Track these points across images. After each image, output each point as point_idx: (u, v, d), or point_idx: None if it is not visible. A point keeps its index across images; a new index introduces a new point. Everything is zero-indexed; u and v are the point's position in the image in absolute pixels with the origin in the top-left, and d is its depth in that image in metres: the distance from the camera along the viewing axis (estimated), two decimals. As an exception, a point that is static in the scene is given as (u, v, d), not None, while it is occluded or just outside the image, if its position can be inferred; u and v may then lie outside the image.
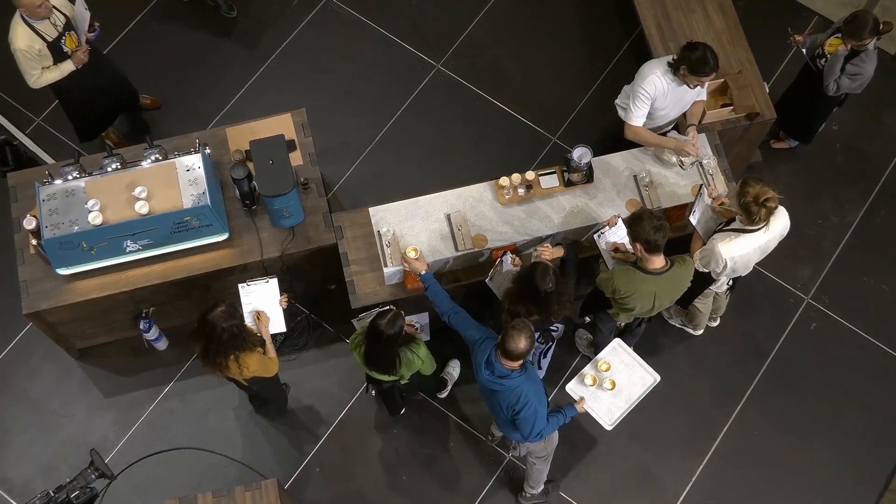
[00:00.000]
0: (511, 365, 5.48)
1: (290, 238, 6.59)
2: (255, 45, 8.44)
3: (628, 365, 6.08)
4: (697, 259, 6.11)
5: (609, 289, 5.98)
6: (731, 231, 5.98)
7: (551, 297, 5.65)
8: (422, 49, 8.49)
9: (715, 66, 6.13)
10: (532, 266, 5.72)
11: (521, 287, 5.76)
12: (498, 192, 6.53)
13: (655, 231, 5.67)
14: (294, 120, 6.95)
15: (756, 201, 5.74)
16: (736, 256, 5.99)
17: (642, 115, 6.47)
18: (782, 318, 7.48)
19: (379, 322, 5.68)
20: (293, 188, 6.22)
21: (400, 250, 6.30)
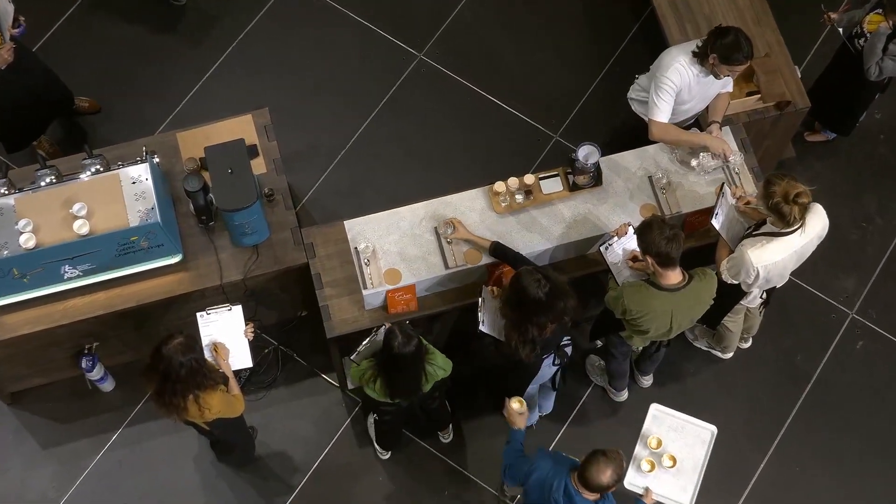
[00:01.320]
0: (593, 496, 5.56)
1: (254, 258, 6.59)
2: (208, 37, 8.46)
3: (678, 428, 6.06)
4: (724, 269, 6.14)
5: (619, 309, 6.01)
6: (762, 235, 6.01)
7: (553, 297, 5.65)
8: (401, 36, 8.52)
9: (749, 54, 6.16)
10: (514, 279, 5.72)
11: (518, 307, 5.77)
12: (493, 199, 6.56)
13: (668, 242, 5.70)
14: (255, 122, 6.96)
15: (786, 199, 5.78)
16: (769, 264, 6.01)
17: (668, 110, 6.47)
18: (824, 337, 7.51)
19: (393, 344, 5.69)
20: (256, 201, 6.23)
21: (380, 270, 6.31)
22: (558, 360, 6.24)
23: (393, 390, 5.92)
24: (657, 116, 6.45)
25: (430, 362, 5.92)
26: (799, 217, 5.84)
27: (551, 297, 5.62)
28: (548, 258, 6.59)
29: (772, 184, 5.82)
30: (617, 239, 6.24)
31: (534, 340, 5.75)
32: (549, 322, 5.75)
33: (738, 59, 6.16)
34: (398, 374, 5.83)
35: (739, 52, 6.13)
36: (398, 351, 5.67)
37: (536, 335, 5.74)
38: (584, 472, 5.50)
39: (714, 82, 6.47)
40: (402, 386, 5.92)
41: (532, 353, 5.82)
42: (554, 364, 6.24)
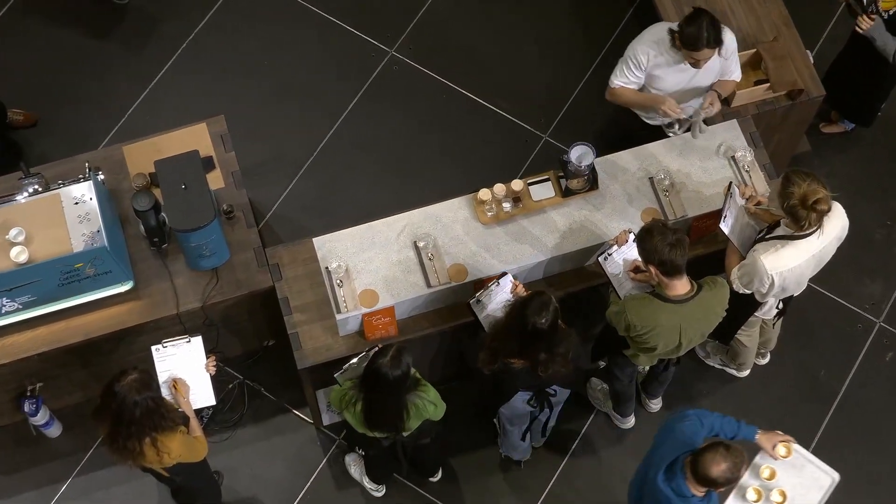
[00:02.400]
0: (696, 489, 5.56)
1: (214, 283, 6.59)
2: (154, 38, 8.45)
3: (797, 465, 6.05)
4: (736, 278, 6.17)
5: (622, 325, 6.03)
6: (775, 239, 6.04)
7: (540, 340, 5.68)
8: (370, 31, 8.54)
9: (712, 42, 6.31)
10: (531, 295, 5.76)
11: (509, 317, 5.80)
12: (477, 208, 6.57)
13: (671, 248, 5.72)
14: (210, 131, 6.96)
15: (803, 203, 5.81)
16: (785, 271, 6.03)
17: (626, 83, 6.65)
18: (849, 349, 7.54)
19: (380, 362, 5.66)
20: (214, 219, 6.23)
21: (355, 291, 6.32)
22: (535, 403, 6.26)
23: (370, 419, 5.89)
24: (611, 83, 6.69)
25: (419, 395, 5.90)
26: (815, 223, 5.88)
27: (537, 337, 5.67)
28: (541, 272, 6.60)
29: (791, 183, 5.84)
30: (617, 248, 6.26)
31: (496, 355, 5.80)
32: (519, 357, 5.79)
33: (696, 46, 6.33)
34: (377, 398, 5.80)
35: (699, 42, 6.31)
36: (383, 372, 5.65)
37: (503, 357, 5.82)
38: (697, 457, 5.45)
39: (694, 72, 6.54)
40: (378, 414, 5.88)
41: (489, 367, 5.90)
42: (529, 404, 6.26)
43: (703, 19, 6.30)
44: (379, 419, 5.90)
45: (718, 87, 6.77)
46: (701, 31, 6.28)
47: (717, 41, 6.34)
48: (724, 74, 6.74)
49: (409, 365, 5.68)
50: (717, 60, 6.57)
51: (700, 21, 6.30)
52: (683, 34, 6.35)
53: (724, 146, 6.78)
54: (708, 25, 6.29)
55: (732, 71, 6.77)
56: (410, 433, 6.06)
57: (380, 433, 6.01)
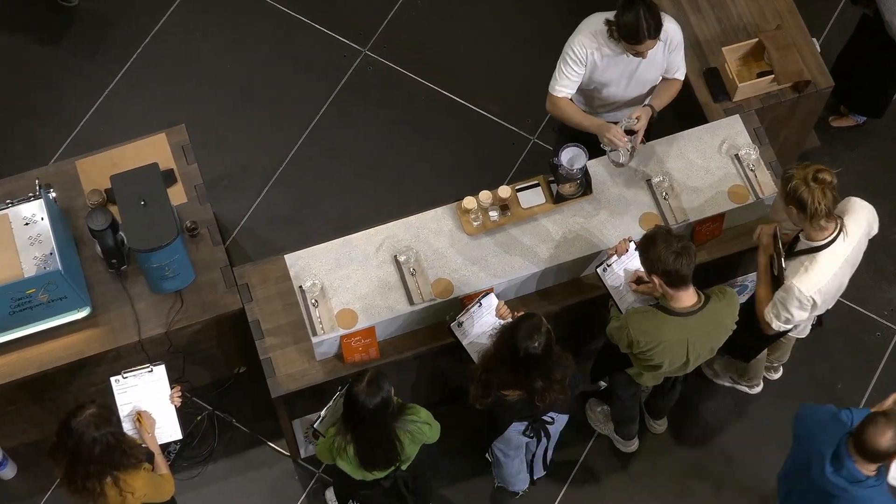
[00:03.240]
0: (868, 469, 5.54)
1: (178, 307, 6.57)
2: (107, 42, 8.44)
3: None
4: (772, 317, 6.12)
5: (624, 341, 6.02)
6: (800, 255, 6.02)
7: (535, 366, 5.67)
8: (341, 30, 8.53)
9: (650, 33, 6.21)
10: (520, 318, 5.75)
11: (499, 346, 5.78)
12: (462, 218, 6.57)
13: (676, 257, 5.72)
14: (171, 141, 6.95)
15: (805, 180, 5.75)
16: (823, 287, 6.01)
17: (568, 85, 6.59)
18: (868, 359, 7.55)
19: (356, 391, 5.61)
20: (176, 237, 6.21)
21: (332, 311, 6.30)
22: (531, 433, 6.24)
23: (365, 458, 5.86)
24: (552, 89, 6.63)
25: (410, 420, 5.87)
26: (824, 204, 5.83)
27: (531, 364, 5.65)
28: (534, 285, 6.60)
29: (790, 168, 5.86)
30: (616, 258, 6.26)
31: (489, 389, 5.80)
32: (514, 387, 5.78)
33: (635, 39, 6.24)
34: (367, 435, 5.77)
35: (638, 33, 6.21)
36: (361, 401, 5.61)
37: (496, 389, 5.80)
38: (860, 435, 5.41)
39: (643, 63, 6.52)
40: (371, 451, 5.85)
41: (482, 401, 5.88)
42: (525, 434, 6.24)
43: (638, 7, 6.19)
44: (374, 455, 5.86)
45: (659, 94, 6.71)
46: (639, 21, 6.17)
47: (657, 29, 6.23)
48: (669, 71, 6.69)
49: (389, 391, 5.65)
50: (662, 50, 6.51)
51: (636, 9, 6.18)
52: (620, 25, 6.25)
53: (727, 144, 6.79)
54: (645, 14, 6.17)
55: (677, 66, 6.69)
56: (410, 463, 6.03)
57: (379, 472, 5.96)
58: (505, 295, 6.54)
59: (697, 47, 7.35)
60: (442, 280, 6.42)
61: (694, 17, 7.42)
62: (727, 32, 7.41)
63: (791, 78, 7.21)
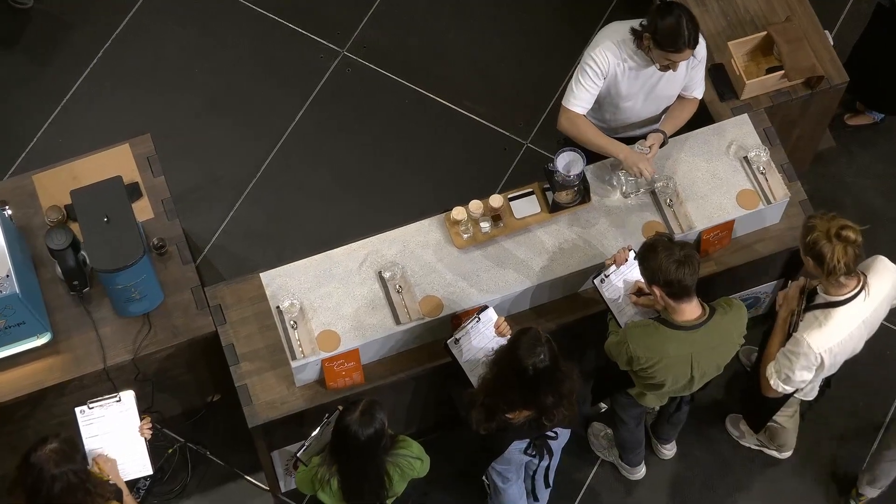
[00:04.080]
0: None
1: (146, 331, 6.56)
2: (65, 47, 8.44)
3: None
4: (773, 373, 6.10)
5: (623, 357, 6.02)
6: (816, 309, 5.99)
7: (545, 381, 5.66)
8: (317, 29, 8.54)
9: (690, 42, 6.21)
10: (518, 333, 5.74)
11: (501, 366, 5.77)
12: (451, 230, 6.57)
13: (679, 266, 5.72)
14: (135, 153, 6.94)
15: (828, 235, 5.72)
16: (834, 346, 5.99)
17: (585, 100, 6.55)
18: (889, 376, 7.56)
19: (348, 421, 5.59)
20: (143, 256, 6.20)
21: (312, 333, 6.29)
22: (533, 452, 6.23)
23: (350, 494, 5.85)
24: (569, 104, 6.58)
25: (401, 454, 5.86)
26: (843, 262, 5.78)
27: (541, 379, 5.64)
28: (528, 301, 6.61)
29: (812, 218, 5.83)
30: (615, 268, 6.26)
31: (493, 413, 5.78)
32: (523, 407, 5.77)
33: (676, 45, 6.21)
34: (354, 469, 5.76)
35: (679, 39, 6.18)
36: (353, 431, 5.60)
37: (502, 413, 5.78)
38: None
39: (664, 78, 6.52)
40: (358, 485, 5.84)
41: (485, 426, 5.86)
42: (527, 453, 6.23)
43: (681, 14, 6.18)
44: (361, 490, 5.85)
45: (673, 116, 6.72)
46: (681, 28, 6.15)
47: (696, 40, 6.24)
48: (688, 88, 6.70)
49: (383, 421, 5.64)
50: (684, 66, 6.50)
51: (676, 15, 6.17)
52: (659, 30, 6.21)
53: (735, 145, 6.81)
54: (688, 22, 6.18)
55: (696, 85, 6.71)
56: (396, 499, 6.02)
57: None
58: (498, 311, 6.53)
59: (701, 42, 7.36)
60: (430, 297, 6.42)
61: (697, 10, 7.42)
62: (733, 26, 7.42)
63: (802, 73, 7.22)
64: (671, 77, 6.52)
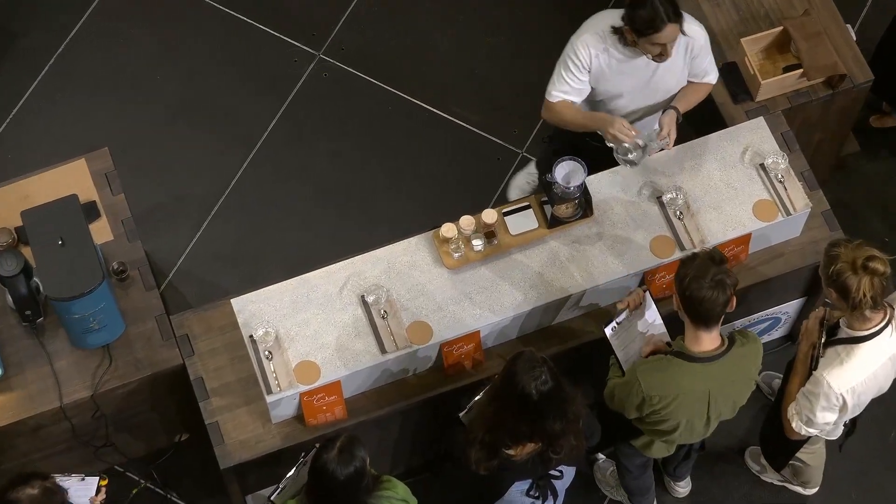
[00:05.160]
0: None
1: (107, 365, 6.54)
2: (13, 54, 8.45)
3: None
4: (793, 413, 6.09)
5: (633, 401, 5.96)
6: (839, 344, 5.97)
7: (551, 405, 5.64)
8: (291, 31, 8.55)
9: (668, 16, 6.24)
10: (512, 359, 5.73)
11: (500, 399, 5.75)
12: (441, 249, 6.56)
13: (710, 288, 5.67)
14: (91, 168, 6.94)
15: (853, 266, 5.69)
16: (857, 385, 5.96)
17: (567, 91, 6.63)
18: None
19: (325, 459, 5.55)
20: (102, 282, 6.19)
21: (289, 365, 6.28)
22: (535, 493, 6.21)
23: None
24: (549, 95, 6.69)
25: (384, 497, 5.84)
26: (870, 296, 5.73)
27: (546, 403, 5.62)
28: (526, 325, 6.63)
29: (835, 246, 5.80)
30: (628, 313, 6.23)
31: (496, 450, 5.76)
32: (529, 439, 5.75)
33: (654, 27, 6.27)
34: None
35: (656, 18, 6.24)
36: (330, 470, 5.59)
37: (505, 448, 5.76)
38: None
39: (661, 68, 6.55)
40: None
41: (486, 465, 5.83)
42: (529, 495, 6.21)
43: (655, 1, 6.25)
44: None
45: (686, 95, 6.76)
46: (655, 7, 6.22)
47: (676, 13, 6.28)
48: (696, 76, 6.75)
49: (364, 459, 5.62)
50: (683, 56, 6.57)
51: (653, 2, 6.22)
52: (636, 21, 6.28)
53: (751, 152, 6.81)
54: (663, 2, 6.23)
55: (707, 71, 6.76)
56: None
57: None
58: (490, 338, 6.54)
59: (713, 39, 7.33)
60: (419, 323, 6.42)
61: (707, 5, 7.45)
62: (746, 21, 7.44)
63: (823, 72, 7.23)
64: (669, 69, 6.57)
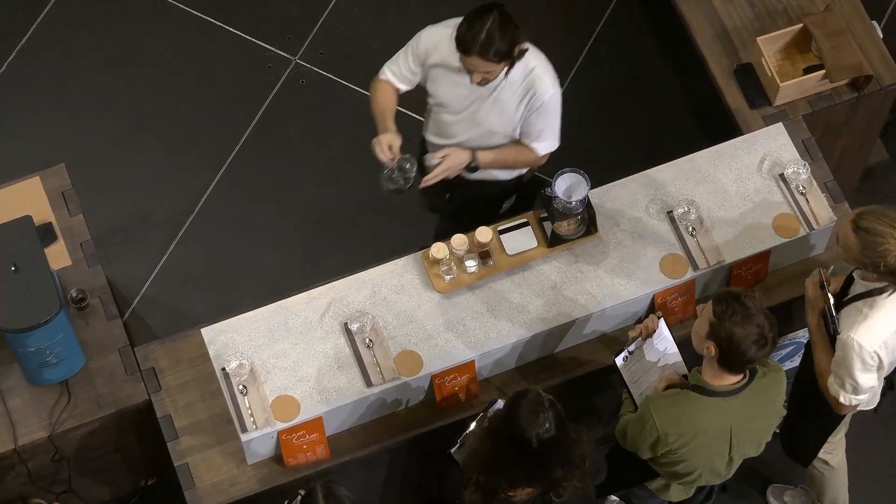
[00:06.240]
0: None
1: (65, 402, 6.53)
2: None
3: None
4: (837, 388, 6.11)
5: (647, 440, 5.95)
6: (857, 301, 6.03)
7: (551, 452, 5.64)
8: (265, 35, 8.58)
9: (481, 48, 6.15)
10: (515, 398, 5.72)
11: (497, 439, 5.75)
12: (431, 271, 6.56)
13: (755, 346, 5.64)
14: (47, 186, 6.94)
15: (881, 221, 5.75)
16: (889, 337, 6.01)
17: (395, 73, 6.70)
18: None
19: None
20: (59, 311, 6.18)
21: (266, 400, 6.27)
22: None
23: None
24: (382, 70, 6.80)
25: None
26: None
27: (547, 451, 5.61)
28: (525, 354, 6.63)
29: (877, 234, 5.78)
30: (640, 342, 6.22)
31: (493, 493, 5.75)
32: (527, 484, 5.75)
33: (462, 45, 6.21)
34: None
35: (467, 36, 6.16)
36: None
37: (502, 492, 5.75)
38: None
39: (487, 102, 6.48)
40: None
41: None
42: None
43: (490, 13, 6.17)
44: None
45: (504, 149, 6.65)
46: (476, 28, 6.14)
47: (496, 53, 6.18)
48: (526, 135, 6.62)
49: (352, 501, 5.63)
50: (520, 100, 6.46)
51: (485, 13, 6.17)
52: (458, 30, 6.24)
53: (769, 161, 6.82)
54: (493, 25, 6.15)
55: (539, 136, 6.61)
56: None
57: None
58: (486, 369, 6.54)
59: (726, 38, 7.39)
60: (407, 353, 6.42)
61: (719, 1, 7.47)
62: (762, 18, 7.46)
63: (847, 73, 7.25)
64: (496, 105, 6.48)
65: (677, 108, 8.43)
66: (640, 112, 8.43)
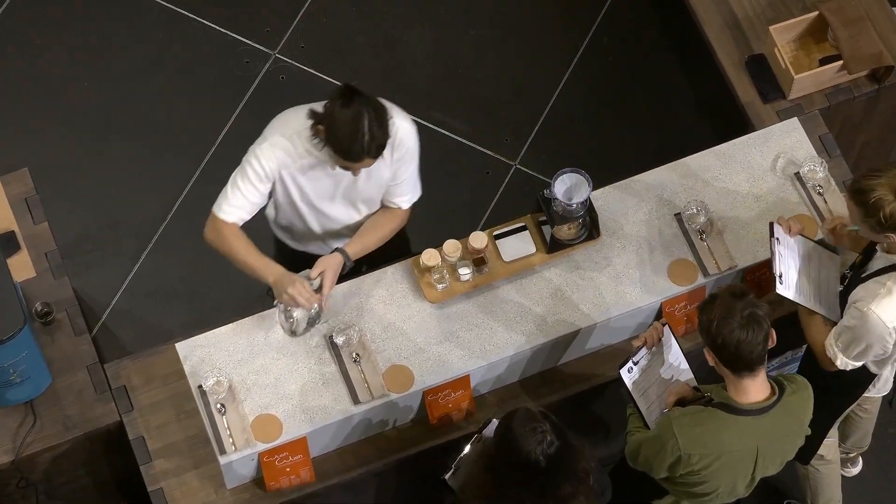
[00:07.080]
0: None
1: (31, 424, 6.54)
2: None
3: None
4: (838, 351, 6.15)
5: (665, 461, 5.93)
6: (879, 275, 6.06)
7: (555, 469, 5.63)
8: (242, 28, 8.59)
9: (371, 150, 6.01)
10: (505, 419, 5.71)
11: (495, 467, 5.74)
12: (422, 280, 6.56)
13: (740, 328, 5.65)
14: (9, 193, 6.95)
15: None
16: None
17: (241, 206, 6.39)
18: None
19: None
20: (22, 327, 6.18)
21: (246, 419, 6.27)
22: None
23: None
24: (219, 210, 6.42)
25: None
26: None
27: (555, 467, 5.62)
28: (523, 367, 6.65)
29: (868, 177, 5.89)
30: (645, 351, 6.23)
31: None
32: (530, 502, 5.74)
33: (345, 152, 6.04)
34: None
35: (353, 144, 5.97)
36: None
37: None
38: None
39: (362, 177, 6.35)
40: None
41: None
42: None
43: (360, 108, 5.98)
44: None
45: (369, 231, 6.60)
46: (359, 131, 5.95)
47: (381, 147, 6.05)
48: (390, 194, 6.57)
49: None
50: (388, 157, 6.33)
51: (356, 110, 5.96)
52: (331, 130, 6.04)
53: (783, 159, 6.83)
54: (371, 121, 5.97)
55: (403, 189, 6.57)
56: None
57: None
58: (482, 384, 6.54)
59: (736, 28, 7.40)
60: (397, 368, 6.43)
61: (729, -15, 7.50)
62: (775, 6, 7.47)
63: (866, 64, 7.26)
64: (371, 176, 6.39)
65: (684, 103, 8.45)
66: (644, 107, 8.44)
